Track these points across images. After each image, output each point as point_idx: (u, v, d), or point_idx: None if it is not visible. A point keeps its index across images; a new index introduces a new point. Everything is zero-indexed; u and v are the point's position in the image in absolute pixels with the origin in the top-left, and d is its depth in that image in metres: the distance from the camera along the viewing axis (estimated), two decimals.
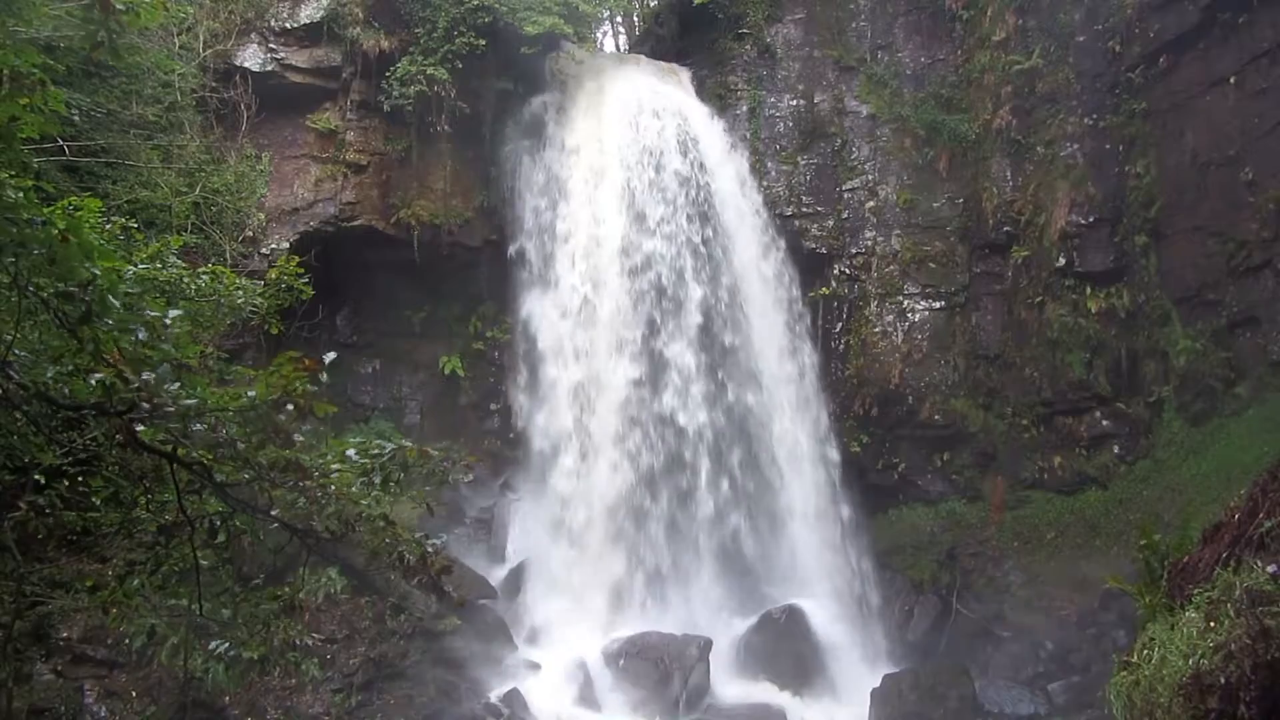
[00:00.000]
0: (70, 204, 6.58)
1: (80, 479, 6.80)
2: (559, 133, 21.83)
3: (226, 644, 6.69)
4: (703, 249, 20.76)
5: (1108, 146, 21.22)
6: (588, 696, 16.97)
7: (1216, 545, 8.32)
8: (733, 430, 20.41)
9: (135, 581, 6.83)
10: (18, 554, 8.68)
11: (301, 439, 5.80)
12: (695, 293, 20.50)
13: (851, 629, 19.23)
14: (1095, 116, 21.30)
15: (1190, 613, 7.59)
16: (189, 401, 5.33)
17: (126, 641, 13.31)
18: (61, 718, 12.74)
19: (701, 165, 21.25)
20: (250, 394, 5.66)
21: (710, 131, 22.08)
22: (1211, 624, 7.18)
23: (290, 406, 5.60)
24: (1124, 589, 11.40)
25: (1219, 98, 19.45)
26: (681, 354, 20.19)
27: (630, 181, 20.78)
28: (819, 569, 20.04)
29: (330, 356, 6.24)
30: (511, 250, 21.64)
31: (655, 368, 20.05)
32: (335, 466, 5.98)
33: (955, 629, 19.33)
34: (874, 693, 16.75)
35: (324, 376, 5.85)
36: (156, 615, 7.65)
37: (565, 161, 21.52)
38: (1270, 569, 7.17)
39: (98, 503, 7.26)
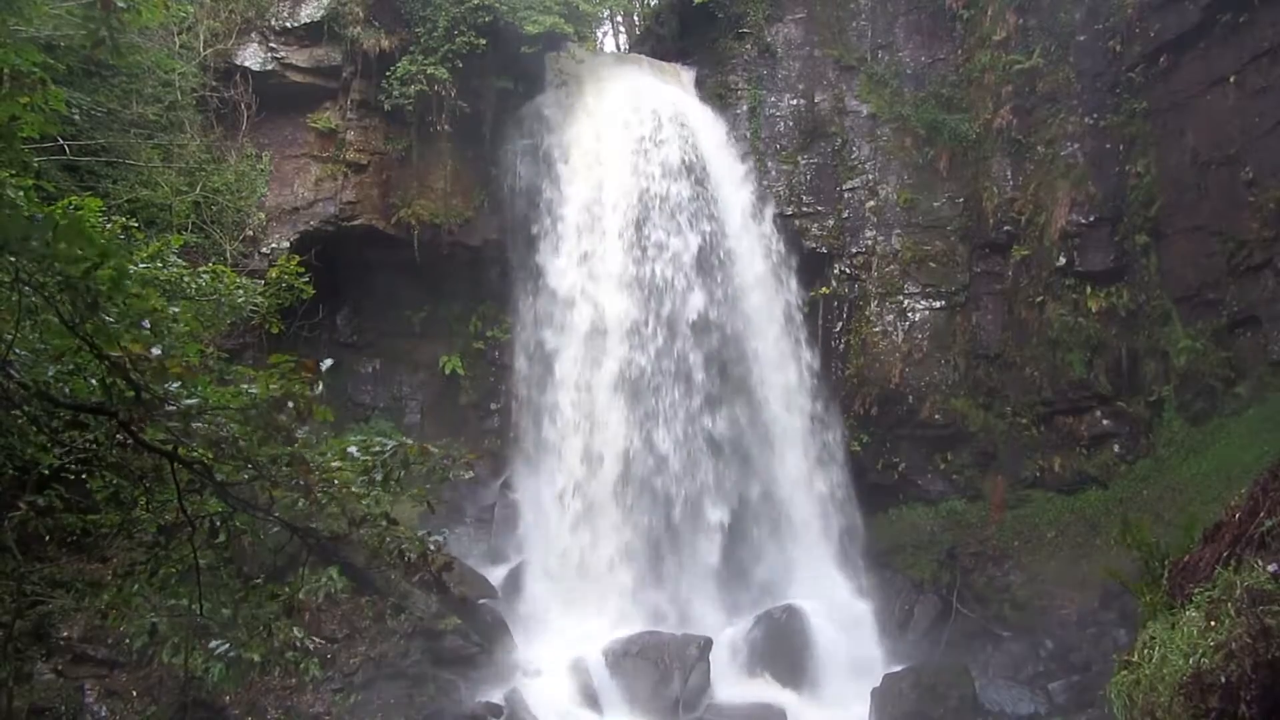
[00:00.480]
0: (71, 203, 6.58)
1: (81, 478, 6.80)
2: (560, 132, 21.83)
3: (226, 645, 6.69)
4: (703, 248, 20.74)
5: (1108, 146, 21.22)
6: (588, 696, 16.97)
7: (1217, 544, 8.31)
8: (733, 431, 20.42)
9: (134, 585, 6.83)
10: (18, 553, 8.68)
11: (302, 437, 5.79)
12: (696, 292, 20.48)
13: (852, 628, 19.22)
14: (1095, 116, 21.30)
15: (1191, 612, 7.59)
16: (190, 401, 5.33)
17: (127, 641, 13.30)
18: (62, 717, 12.74)
19: (702, 165, 21.24)
20: (251, 390, 5.66)
21: (711, 131, 22.07)
22: (1212, 623, 7.18)
23: (290, 405, 5.60)
24: (1124, 583, 11.40)
25: (1219, 97, 19.45)
26: (682, 352, 20.19)
27: (630, 181, 20.78)
28: (819, 568, 20.06)
29: (328, 363, 6.24)
30: (511, 250, 21.64)
31: (655, 366, 20.04)
32: (336, 464, 5.98)
33: (955, 628, 19.32)
34: (874, 692, 16.75)
35: (319, 388, 5.84)
36: (157, 615, 7.64)
37: (566, 161, 21.52)
38: (1271, 568, 7.17)
39: (99, 502, 7.25)
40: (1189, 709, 6.89)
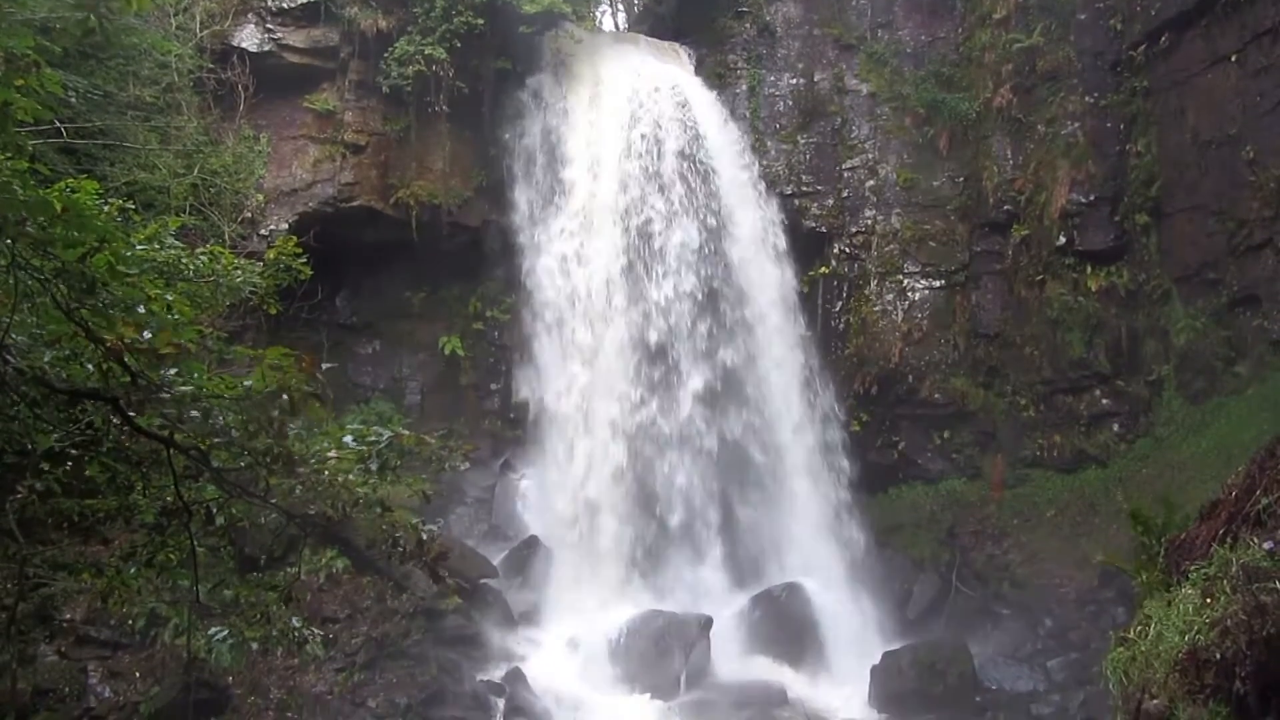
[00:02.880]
0: (67, 185, 6.57)
1: (81, 461, 6.82)
2: (558, 112, 21.74)
3: (227, 630, 6.73)
4: (702, 229, 20.71)
5: (1109, 125, 21.14)
6: (588, 674, 17.06)
7: (1214, 522, 8.33)
8: (733, 411, 20.46)
9: (134, 569, 6.87)
10: (19, 536, 8.70)
11: (295, 430, 5.79)
12: (696, 272, 20.46)
13: (851, 607, 19.29)
14: (1096, 95, 21.21)
15: (1187, 589, 7.61)
16: (184, 389, 5.33)
17: (129, 623, 13.41)
18: (65, 698, 12.83)
19: (701, 145, 21.17)
20: (246, 384, 5.67)
21: (710, 110, 21.99)
22: (1208, 600, 7.21)
23: (285, 397, 5.60)
24: (1119, 567, 11.44)
25: (1220, 76, 19.35)
26: (680, 333, 20.20)
27: (629, 161, 20.72)
28: (819, 547, 20.11)
29: (326, 366, 6.29)
30: (510, 230, 21.60)
31: (655, 350, 20.07)
32: (332, 453, 5.98)
33: (955, 607, 19.39)
34: (874, 669, 16.84)
35: (316, 386, 5.85)
36: (158, 598, 7.69)
37: (564, 140, 21.44)
38: (1267, 545, 7.19)
39: (97, 486, 7.28)
40: (1184, 685, 6.92)
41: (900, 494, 22.05)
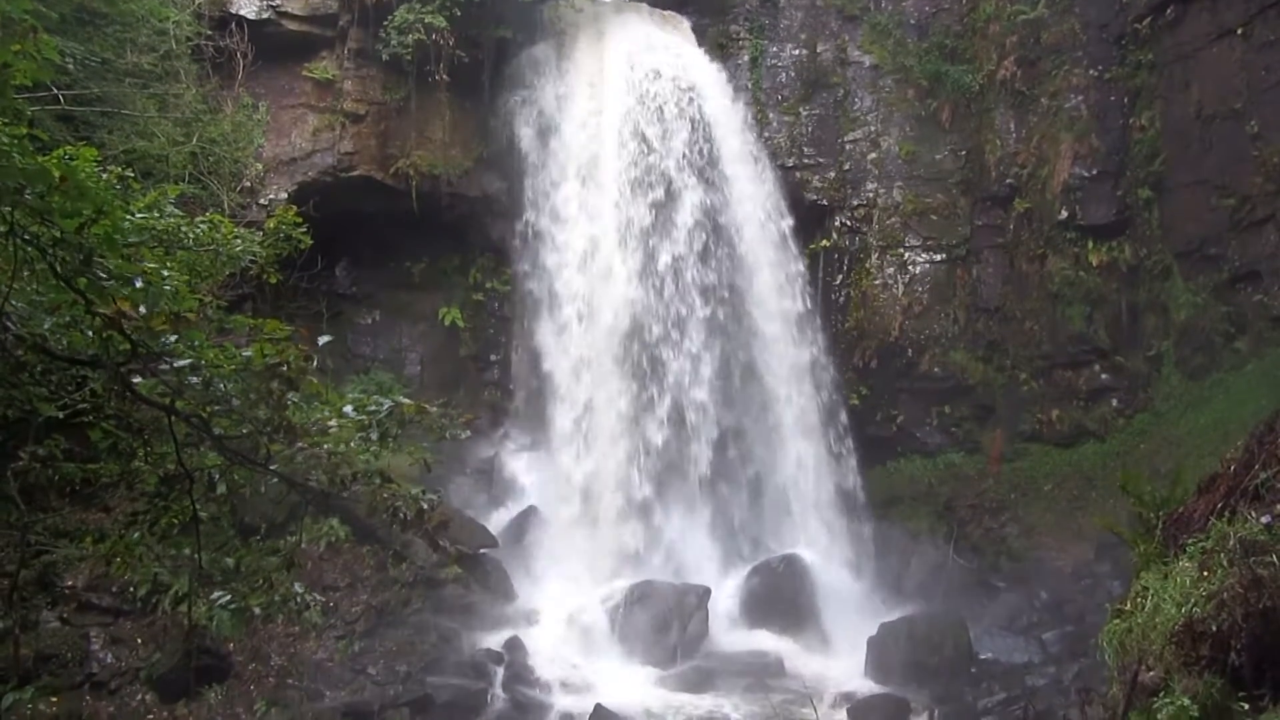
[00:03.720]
0: (66, 153, 6.53)
1: (82, 427, 6.82)
2: (558, 81, 21.59)
3: (229, 596, 6.75)
4: (703, 202, 20.63)
5: (1112, 98, 21.05)
6: (587, 644, 17.17)
7: (1212, 496, 8.38)
8: (731, 385, 20.47)
9: (136, 534, 6.88)
10: (21, 503, 8.75)
11: (294, 401, 5.79)
12: (695, 244, 20.41)
13: (849, 578, 19.42)
14: (1101, 68, 21.09)
15: (1184, 562, 7.67)
16: (183, 362, 5.33)
17: (131, 590, 13.49)
18: (68, 664, 12.92)
19: (702, 115, 21.05)
20: (246, 354, 5.66)
21: (711, 81, 21.84)
22: (1205, 573, 7.26)
23: (284, 368, 5.60)
24: (1119, 534, 11.48)
25: (1226, 50, 19.23)
26: (682, 307, 20.17)
27: (630, 131, 20.60)
28: (817, 519, 20.20)
29: (325, 339, 6.31)
30: (510, 201, 21.51)
31: (655, 319, 20.04)
32: (332, 423, 5.98)
33: (952, 579, 19.48)
34: (871, 641, 16.95)
35: (314, 363, 5.85)
36: (160, 565, 7.72)
37: (564, 110, 21.31)
38: (1264, 519, 7.24)
39: (99, 452, 7.29)
40: (1180, 657, 6.98)
41: (899, 467, 22.13)
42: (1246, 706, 6.49)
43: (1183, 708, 6.45)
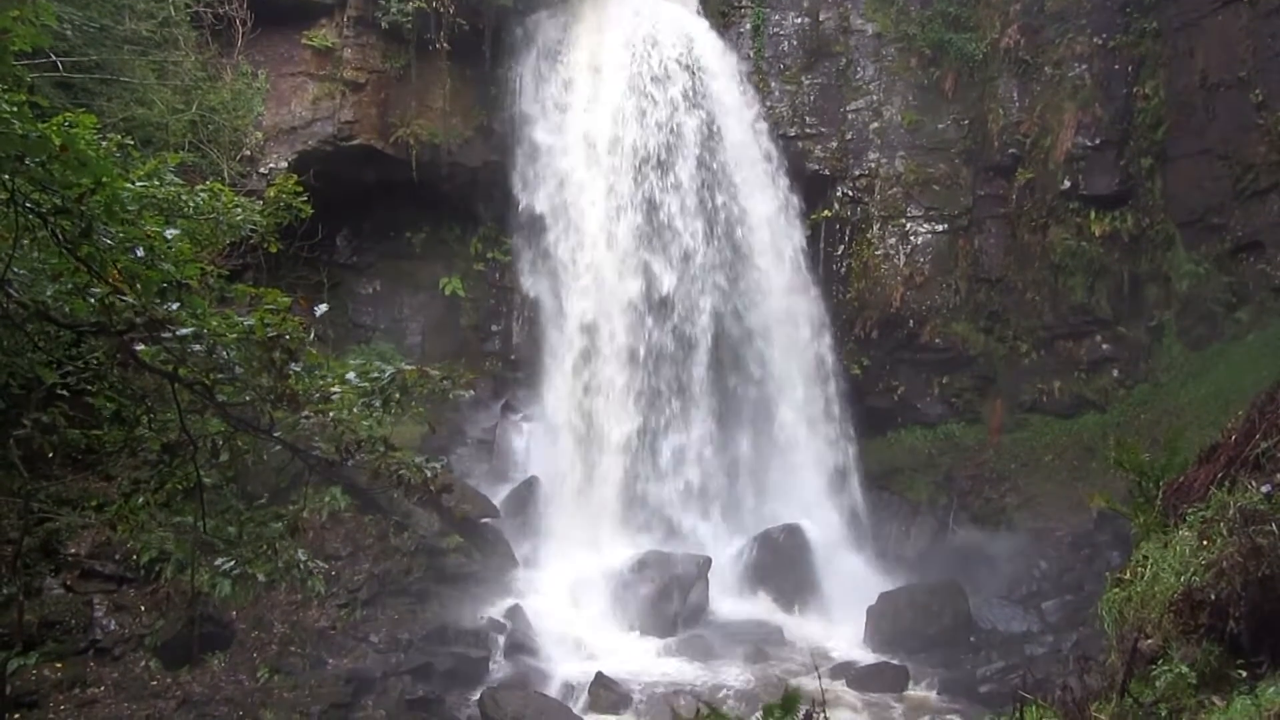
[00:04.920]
0: (65, 120, 6.49)
1: (85, 394, 6.82)
2: (559, 50, 21.43)
3: (232, 562, 6.78)
4: (705, 170, 20.55)
5: (1116, 67, 20.90)
6: (588, 612, 17.29)
7: (1212, 466, 8.39)
8: (730, 357, 20.52)
9: (140, 499, 6.91)
10: (24, 471, 8.75)
11: (296, 369, 5.79)
12: (695, 217, 20.36)
13: (849, 548, 19.52)
14: (1105, 36, 20.93)
15: (1184, 531, 7.69)
16: (186, 330, 5.33)
17: (134, 558, 13.54)
18: (72, 631, 13.00)
19: (703, 83, 20.93)
20: (248, 322, 5.65)
21: (713, 49, 21.69)
22: (1204, 542, 7.28)
23: (286, 338, 5.60)
24: (1117, 510, 11.52)
25: (1231, 17, 19.08)
26: (682, 285, 20.17)
27: (631, 99, 20.50)
28: (818, 489, 20.26)
29: (322, 308, 6.31)
30: (511, 168, 21.42)
31: (658, 298, 20.05)
32: (335, 390, 5.99)
33: (951, 549, 19.58)
34: (870, 610, 17.06)
35: (312, 335, 5.85)
36: (163, 532, 7.75)
37: (565, 79, 21.18)
38: (1265, 489, 7.25)
39: (102, 420, 7.30)
40: (1179, 625, 7.02)
41: (899, 438, 22.17)
42: (1244, 674, 6.53)
43: (1181, 675, 6.49)
